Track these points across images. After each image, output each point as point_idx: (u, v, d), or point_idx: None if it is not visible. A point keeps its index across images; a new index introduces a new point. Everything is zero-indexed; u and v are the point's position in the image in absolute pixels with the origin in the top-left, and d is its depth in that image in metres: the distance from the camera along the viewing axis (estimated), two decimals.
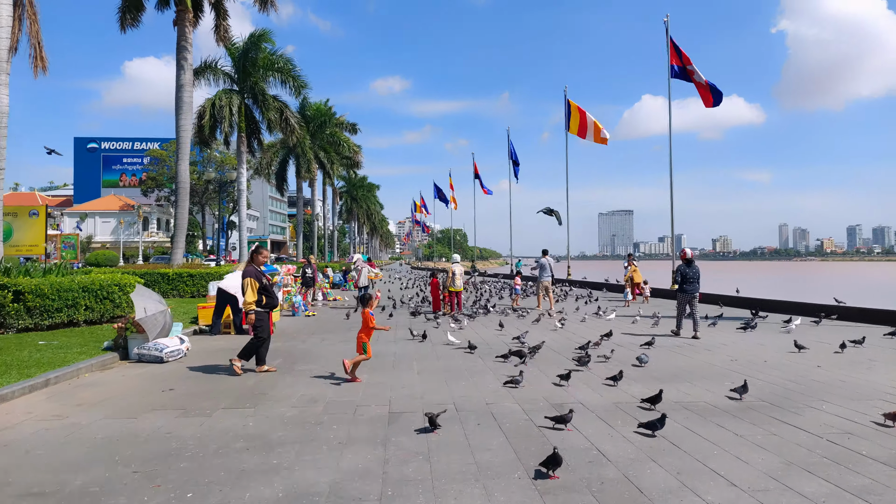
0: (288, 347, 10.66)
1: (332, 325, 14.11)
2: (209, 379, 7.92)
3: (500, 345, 10.79)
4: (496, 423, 5.74)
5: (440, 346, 10.71)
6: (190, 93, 22.63)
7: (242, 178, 30.79)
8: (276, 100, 31.22)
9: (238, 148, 30.78)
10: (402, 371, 8.38)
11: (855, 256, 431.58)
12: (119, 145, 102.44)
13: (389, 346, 10.75)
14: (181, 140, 22.52)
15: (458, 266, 16.74)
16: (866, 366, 8.68)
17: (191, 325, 13.02)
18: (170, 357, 9.24)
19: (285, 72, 30.97)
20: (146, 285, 19.44)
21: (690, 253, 12.41)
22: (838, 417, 5.90)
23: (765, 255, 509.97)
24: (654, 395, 6.29)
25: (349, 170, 62.37)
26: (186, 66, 22.37)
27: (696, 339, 11.57)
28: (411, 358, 9.48)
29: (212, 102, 29.22)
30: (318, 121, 47.15)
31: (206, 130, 29.47)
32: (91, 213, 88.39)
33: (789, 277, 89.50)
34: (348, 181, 78.19)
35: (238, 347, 10.39)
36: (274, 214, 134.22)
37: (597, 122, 30.58)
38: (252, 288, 8.16)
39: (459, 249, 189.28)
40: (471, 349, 10.08)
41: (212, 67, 29.78)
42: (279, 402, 6.58)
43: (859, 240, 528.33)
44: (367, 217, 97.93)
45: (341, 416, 6.02)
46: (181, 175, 22.48)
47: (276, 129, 32.39)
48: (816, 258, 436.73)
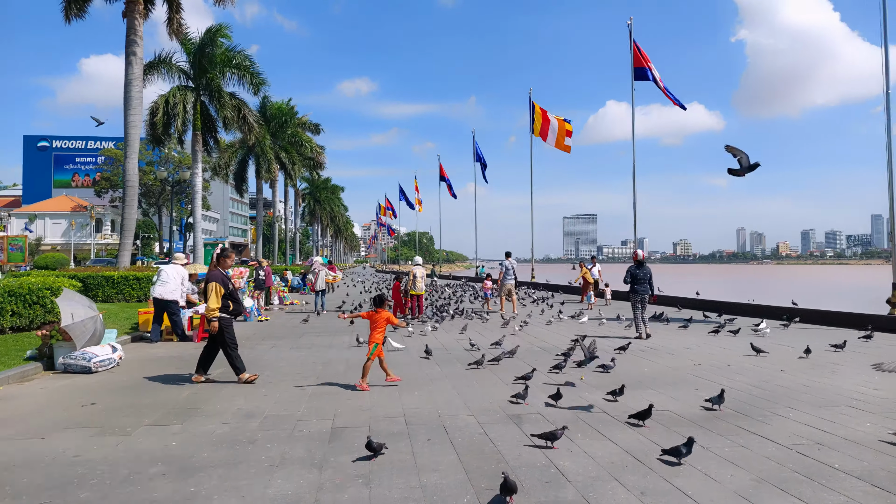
0: None
1: (285, 331, 13.45)
2: (139, 391, 7.25)
3: (458, 350, 10.34)
4: (448, 439, 5.27)
5: (394, 352, 10.21)
6: (139, 88, 21.63)
7: (197, 178, 29.71)
8: (234, 97, 30.24)
9: (193, 147, 29.68)
10: (352, 380, 7.85)
11: (809, 260, 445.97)
12: (72, 144, 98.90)
13: (342, 352, 10.20)
14: (130, 138, 21.50)
15: (419, 269, 16.26)
16: (830, 370, 8.51)
17: (132, 331, 12.22)
18: (99, 367, 8.51)
19: (243, 68, 30.02)
20: (88, 289, 18.44)
21: (641, 255, 12.60)
22: (807, 426, 5.61)
23: (723, 259, 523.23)
24: (644, 410, 5.68)
25: (312, 171, 61.26)
26: (136, 61, 21.38)
27: (640, 339, 11.67)
28: None
29: (165, 99, 28.07)
30: (279, 120, 46.10)
31: (160, 128, 28.28)
32: (41, 214, 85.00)
33: (748, 280, 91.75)
34: (311, 182, 76.95)
35: (178, 355, 9.73)
36: (235, 216, 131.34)
37: (563, 123, 30.48)
38: (216, 293, 7.55)
39: (426, 252, 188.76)
40: (427, 355, 9.63)
41: (166, 62, 28.65)
42: (211, 418, 5.99)
43: (813, 243, 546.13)
44: (331, 219, 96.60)
45: (278, 433, 5.47)
46: (129, 174, 21.45)
47: (233, 128, 31.37)
48: (772, 262, 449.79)
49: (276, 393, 7.11)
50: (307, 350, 10.53)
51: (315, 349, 10.62)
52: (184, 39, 28.53)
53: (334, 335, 12.55)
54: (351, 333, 12.79)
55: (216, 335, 7.65)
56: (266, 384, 7.62)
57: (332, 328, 13.94)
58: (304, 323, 14.79)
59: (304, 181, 74.78)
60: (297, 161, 48.68)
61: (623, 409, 6.27)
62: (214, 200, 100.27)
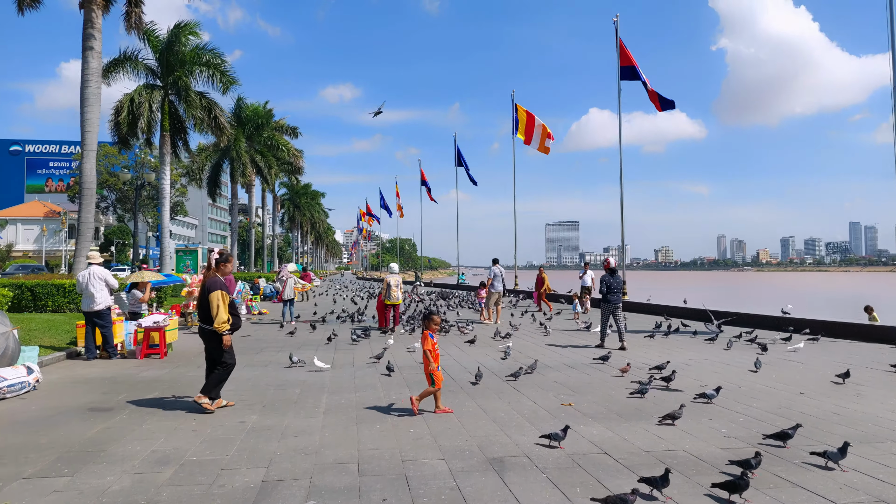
0: (174, 376, 8.71)
1: (245, 345, 12.16)
2: (41, 425, 5.97)
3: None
4: (410, 497, 4.10)
5: (371, 369, 9.01)
6: (97, 85, 20.20)
7: (165, 181, 28.25)
8: (204, 97, 28.85)
9: (161, 149, 28.25)
10: (303, 409, 6.64)
11: (789, 267, 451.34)
12: (45, 148, 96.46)
13: (301, 372, 8.96)
14: (86, 137, 20.04)
15: (394, 276, 15.04)
16: (854, 391, 7.48)
17: (69, 346, 10.87)
18: (7, 393, 7.20)
19: (213, 66, 28.72)
20: (37, 298, 16.97)
21: (614, 262, 12.21)
22: (859, 474, 4.51)
23: (704, 266, 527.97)
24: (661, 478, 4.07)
25: (291, 176, 59.92)
26: (93, 55, 19.95)
27: (622, 349, 11.17)
28: (322, 388, 7.73)
29: (130, 98, 26.64)
30: (254, 123, 44.70)
31: (124, 128, 26.82)
32: (12, 219, 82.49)
33: (732, 288, 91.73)
34: (291, 188, 75.45)
35: (111, 377, 8.44)
36: (214, 223, 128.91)
37: (545, 126, 29.70)
38: (224, 304, 6.51)
39: (408, 259, 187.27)
40: (388, 372, 8.55)
41: (131, 60, 27.24)
42: (114, 465, 4.75)
43: (792, 251, 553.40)
44: (312, 226, 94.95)
45: (190, 489, 4.25)
46: (86, 175, 19.99)
47: (203, 129, 29.95)
48: (753, 269, 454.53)
49: (210, 427, 5.88)
50: (262, 368, 9.28)
51: (271, 368, 9.38)
52: (150, 35, 27.19)
53: (298, 350, 11.31)
54: (315, 348, 11.55)
55: (216, 352, 6.61)
56: (201, 414, 6.38)
57: (297, 342, 12.68)
58: (280, 328, 13.54)
59: (284, 186, 73.28)
60: (274, 165, 47.24)
61: (629, 449, 5.15)
62: (193, 206, 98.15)
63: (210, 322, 6.52)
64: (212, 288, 6.54)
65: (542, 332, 14.20)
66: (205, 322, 6.59)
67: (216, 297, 6.48)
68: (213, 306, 6.47)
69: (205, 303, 6.56)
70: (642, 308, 20.33)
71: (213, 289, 6.53)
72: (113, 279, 10.23)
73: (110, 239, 75.66)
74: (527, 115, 30.43)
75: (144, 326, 10.08)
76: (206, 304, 6.53)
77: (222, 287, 6.62)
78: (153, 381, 8.30)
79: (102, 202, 70.92)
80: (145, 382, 8.18)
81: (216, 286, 6.56)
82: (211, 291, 6.52)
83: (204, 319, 6.59)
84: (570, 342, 12.64)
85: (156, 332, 10.21)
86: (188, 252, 43.67)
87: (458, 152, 41.17)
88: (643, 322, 16.48)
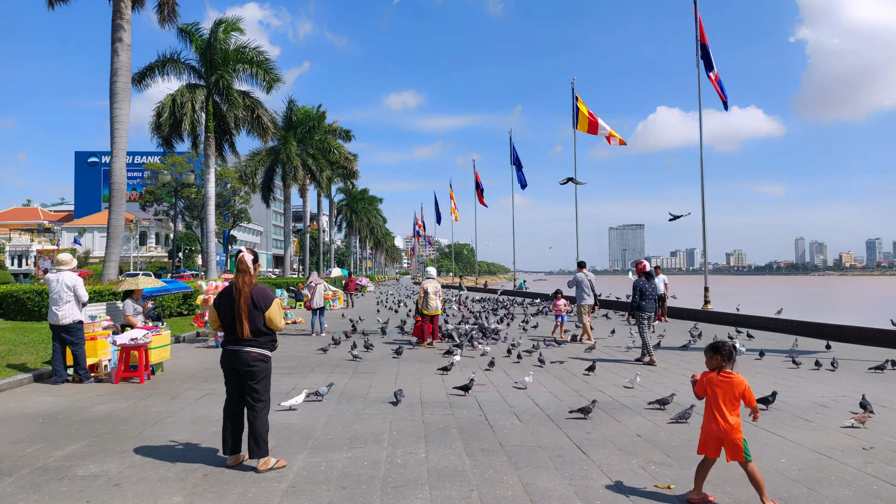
0: (134, 411, 6.78)
1: None
2: None
3: (458, 403, 6.93)
4: None
5: (384, 407, 6.86)
6: (127, 79, 19.09)
7: (210, 184, 27.22)
8: (248, 96, 27.70)
9: (205, 151, 27.22)
10: (256, 484, 4.52)
11: (875, 271, 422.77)
12: None
13: (289, 412, 6.88)
14: (116, 135, 18.95)
15: (431, 282, 12.85)
16: None
17: (45, 366, 9.24)
18: None
19: (256, 64, 27.50)
20: (44, 305, 15.85)
21: (647, 266, 10.88)
22: None
23: (780, 270, 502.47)
24: None
25: (346, 180, 58.99)
26: (122, 48, 18.86)
27: (651, 363, 10.05)
28: (306, 439, 5.60)
29: (172, 98, 25.75)
30: (306, 125, 43.64)
31: (166, 129, 25.97)
32: (90, 227, 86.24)
33: (819, 294, 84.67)
34: (347, 193, 74.92)
35: (56, 411, 6.46)
36: (278, 229, 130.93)
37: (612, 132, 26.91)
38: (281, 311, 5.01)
39: (467, 264, 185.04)
40: (396, 401, 6.76)
41: (172, 61, 26.34)
42: None
43: (879, 254, 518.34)
44: (370, 231, 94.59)
45: None
46: (115, 175, 18.87)
47: (246, 129, 28.83)
48: (835, 272, 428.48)
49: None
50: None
51: (275, 399, 7.35)
52: (193, 34, 26.28)
53: (304, 375, 9.29)
54: (331, 371, 9.50)
55: (261, 383, 4.80)
56: (121, 479, 4.37)
57: (307, 361, 10.69)
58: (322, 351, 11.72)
59: (341, 192, 72.82)
60: (326, 168, 46.09)
61: None
62: (257, 213, 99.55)
63: (258, 342, 4.78)
64: (267, 298, 4.80)
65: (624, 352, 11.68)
66: (249, 342, 4.75)
67: (278, 304, 4.88)
68: (276, 319, 4.82)
69: (256, 317, 4.75)
70: (729, 319, 17.27)
71: (269, 299, 4.80)
72: (84, 290, 8.49)
73: (178, 245, 77.61)
74: (590, 114, 27.71)
75: (120, 344, 8.28)
76: (256, 319, 4.75)
77: (275, 295, 4.97)
78: (101, 419, 6.40)
79: (171, 210, 72.89)
80: (90, 422, 6.29)
81: (270, 295, 4.83)
82: (269, 302, 4.79)
83: (247, 339, 4.73)
84: (660, 361, 10.08)
85: (135, 350, 8.40)
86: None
87: (514, 151, 38.78)
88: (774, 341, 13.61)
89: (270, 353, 4.86)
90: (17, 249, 75.38)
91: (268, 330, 4.81)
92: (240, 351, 4.71)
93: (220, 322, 4.83)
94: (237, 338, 4.72)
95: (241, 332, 4.68)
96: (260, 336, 4.77)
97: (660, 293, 16.52)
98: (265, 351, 4.80)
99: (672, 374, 9.23)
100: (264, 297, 4.77)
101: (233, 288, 4.77)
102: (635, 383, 8.02)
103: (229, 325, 4.75)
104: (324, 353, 11.48)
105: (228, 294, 4.80)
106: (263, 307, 4.74)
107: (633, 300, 10.52)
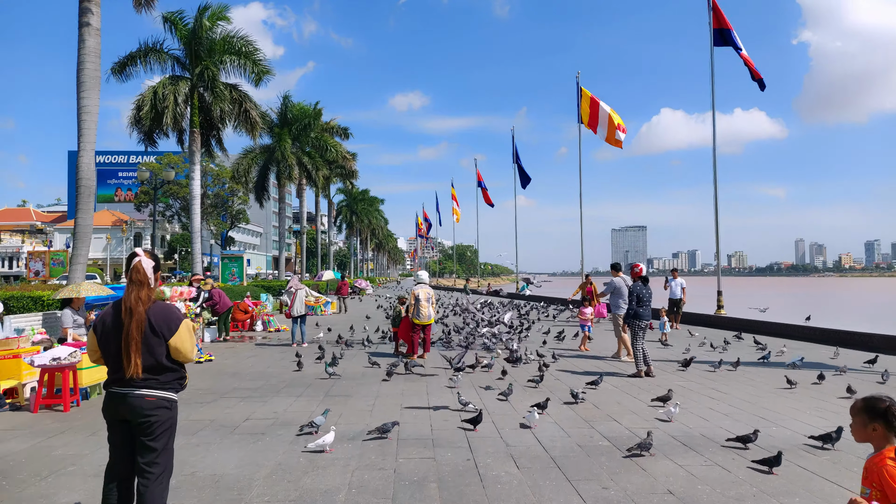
0: (29, 451, 5.40)
1: (224, 384, 8.87)
2: None
3: (442, 440, 5.57)
4: None
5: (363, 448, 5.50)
6: (96, 66, 17.64)
7: (195, 182, 25.88)
8: (235, 89, 26.36)
9: (190, 147, 25.91)
10: None
11: (874, 272, 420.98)
12: (115, 159, 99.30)
13: (247, 449, 5.52)
14: (84, 126, 17.48)
15: (423, 288, 11.48)
16: None
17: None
18: None
19: (244, 55, 26.19)
20: (11, 312, 14.50)
21: (642, 269, 10.00)
22: None
23: (781, 271, 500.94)
24: None
25: (344, 180, 57.66)
26: (90, 33, 17.40)
27: (648, 376, 9.21)
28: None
29: (154, 91, 24.42)
30: (301, 123, 42.29)
31: (147, 123, 24.67)
32: None
33: (830, 295, 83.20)
34: (348, 193, 73.55)
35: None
36: (278, 231, 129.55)
37: (612, 115, 25.49)
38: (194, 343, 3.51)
39: (470, 266, 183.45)
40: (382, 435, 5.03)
41: (155, 51, 25.01)
42: None
43: (878, 255, 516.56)
44: (372, 232, 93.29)
45: None
46: (82, 171, 17.43)
47: (236, 126, 27.49)
48: (834, 274, 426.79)
49: None
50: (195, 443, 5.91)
51: (218, 434, 6.01)
52: (177, 23, 24.99)
53: (267, 399, 7.93)
54: (300, 394, 8.13)
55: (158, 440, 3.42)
56: None
57: (277, 380, 9.33)
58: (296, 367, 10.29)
59: (341, 192, 71.46)
60: (322, 167, 44.72)
61: None
62: (257, 214, 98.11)
63: (158, 382, 3.40)
64: (172, 320, 3.43)
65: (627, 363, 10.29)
66: (143, 383, 3.36)
67: (187, 332, 3.44)
68: (184, 349, 3.41)
69: (155, 348, 3.37)
70: (747, 326, 15.83)
71: (174, 321, 3.43)
72: None
73: (174, 247, 76.26)
74: (591, 100, 26.35)
75: (38, 365, 6.91)
76: (155, 350, 3.37)
77: (183, 315, 3.54)
78: None
79: (168, 210, 71.62)
80: None
81: (176, 316, 3.46)
82: (174, 326, 3.41)
83: (140, 379, 3.34)
84: (680, 381, 8.70)
85: (59, 372, 7.04)
86: (234, 259, 41.76)
87: (516, 150, 37.44)
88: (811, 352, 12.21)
89: (175, 395, 3.48)
90: (7, 251, 74.12)
91: (172, 364, 3.42)
92: (129, 395, 3.32)
93: (100, 353, 3.45)
94: (125, 377, 3.33)
95: (130, 368, 3.29)
96: (161, 373, 3.37)
97: (676, 297, 15.14)
98: (168, 393, 3.40)
99: (702, 398, 7.84)
100: (167, 318, 3.37)
101: (121, 306, 3.39)
102: (672, 415, 6.61)
103: (114, 359, 3.38)
104: (300, 369, 10.09)
105: (115, 315, 3.41)
106: (166, 333, 3.35)
107: (630, 307, 9.62)
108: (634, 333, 9.53)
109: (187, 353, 3.41)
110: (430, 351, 11.63)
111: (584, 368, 10.22)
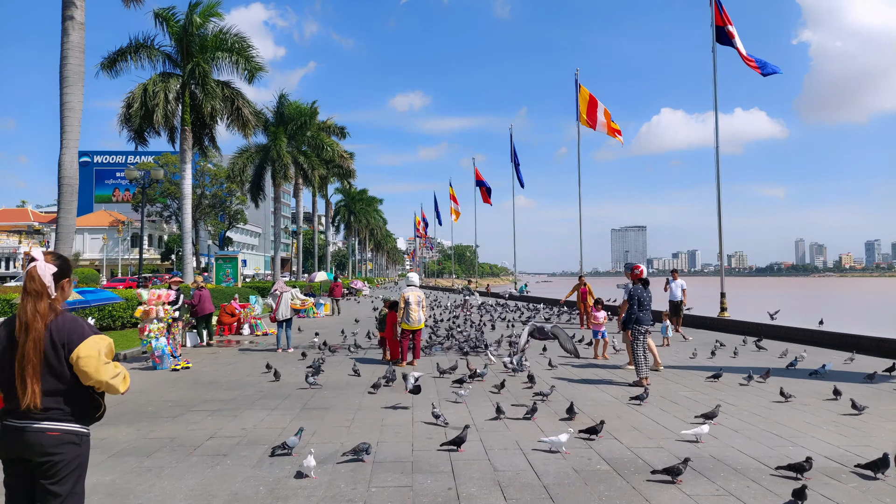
0: None
1: (195, 395, 8.31)
2: None
3: (423, 463, 5.00)
4: None
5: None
6: (79, 61, 17.12)
7: (186, 181, 25.40)
8: (228, 86, 25.83)
9: (181, 145, 25.38)
10: None
11: (875, 272, 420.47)
12: (112, 159, 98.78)
13: (209, 471, 4.96)
14: (66, 123, 16.97)
15: (413, 291, 10.92)
16: None
17: None
18: None
19: (236, 52, 25.64)
20: None
21: (643, 271, 9.42)
22: None
23: (781, 271, 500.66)
24: None
25: (342, 180, 57.12)
26: (74, 27, 16.90)
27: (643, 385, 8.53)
28: None
29: (144, 88, 23.89)
30: (297, 121, 41.72)
31: (137, 120, 24.14)
32: (80, 228, 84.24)
33: (824, 296, 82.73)
34: (345, 193, 72.95)
35: None
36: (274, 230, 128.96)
37: (607, 111, 25.24)
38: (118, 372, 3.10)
39: (469, 266, 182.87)
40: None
41: (146, 47, 24.46)
42: None
43: (878, 255, 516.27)
44: (370, 233, 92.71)
45: None
46: (64, 169, 16.88)
47: (229, 124, 26.95)
48: (834, 274, 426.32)
49: None
50: (120, 465, 5.34)
51: (175, 455, 5.45)
52: (168, 19, 24.45)
53: (239, 412, 7.37)
54: (275, 406, 7.56)
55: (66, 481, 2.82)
56: None
57: (252, 391, 8.75)
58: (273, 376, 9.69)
59: (339, 192, 70.89)
60: (319, 166, 44.16)
61: None
62: (257, 214, 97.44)
63: (62, 413, 2.80)
64: (77, 335, 2.80)
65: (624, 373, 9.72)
66: (44, 414, 2.77)
67: (97, 350, 2.79)
68: (95, 373, 2.76)
69: (56, 371, 2.78)
70: (752, 329, 15.23)
71: (79, 336, 2.80)
72: None
73: (171, 247, 75.69)
74: (590, 97, 25.91)
75: None
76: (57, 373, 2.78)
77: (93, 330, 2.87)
78: None
79: (165, 211, 71.10)
80: None
81: (83, 331, 2.82)
82: (76, 340, 2.79)
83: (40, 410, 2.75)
84: (685, 391, 8.11)
85: None
86: (228, 260, 41.16)
87: (513, 149, 36.93)
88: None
89: (86, 428, 2.88)
90: (4, 252, 73.56)
91: (83, 390, 2.84)
92: (26, 429, 2.74)
93: None
94: (21, 408, 2.75)
95: (27, 397, 2.71)
96: (67, 402, 2.79)
97: (677, 300, 14.58)
98: (75, 426, 2.79)
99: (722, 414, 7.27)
100: (69, 332, 2.75)
101: (15, 322, 2.81)
102: (701, 435, 5.93)
103: (8, 386, 2.79)
104: (276, 379, 9.50)
105: (9, 334, 2.82)
106: (65, 352, 2.78)
107: (630, 311, 9.04)
108: (636, 340, 8.98)
109: (95, 375, 2.74)
110: (419, 357, 11.06)
111: (581, 377, 9.65)
